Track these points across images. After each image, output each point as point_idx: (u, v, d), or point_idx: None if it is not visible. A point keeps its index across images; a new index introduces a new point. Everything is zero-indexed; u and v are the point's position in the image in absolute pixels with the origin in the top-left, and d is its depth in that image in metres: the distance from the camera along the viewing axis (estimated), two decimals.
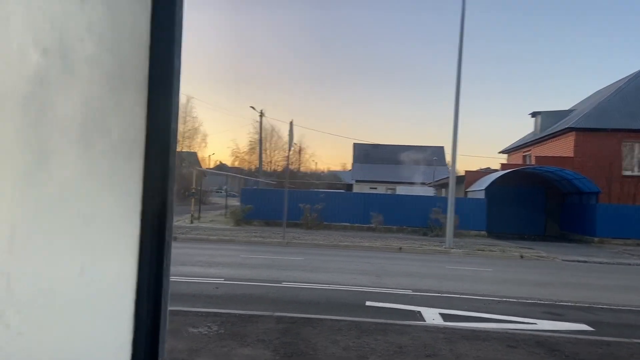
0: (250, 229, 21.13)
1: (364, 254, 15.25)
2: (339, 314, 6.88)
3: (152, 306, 1.49)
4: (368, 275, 10.90)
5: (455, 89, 17.95)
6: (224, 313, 6.18)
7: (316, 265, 12.31)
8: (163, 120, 1.52)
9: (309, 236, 19.09)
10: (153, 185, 1.50)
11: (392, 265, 13.00)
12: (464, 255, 16.22)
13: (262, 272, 10.66)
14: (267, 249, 15.49)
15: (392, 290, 9.26)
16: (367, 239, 18.90)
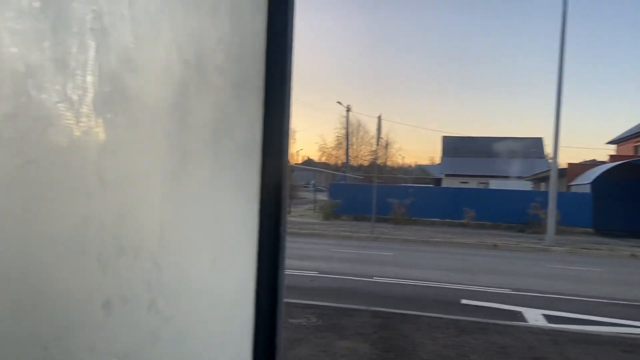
0: (338, 224, 21.36)
1: (456, 251, 14.81)
2: (434, 311, 6.76)
3: (269, 296, 1.58)
4: (462, 273, 10.59)
5: (558, 74, 16.80)
6: (321, 305, 6.33)
7: (407, 261, 12.17)
8: (278, 122, 1.60)
9: (397, 231, 18.91)
10: (269, 182, 1.58)
11: (487, 262, 12.50)
12: (566, 254, 15.18)
13: (353, 267, 10.75)
14: (356, 244, 15.58)
15: (488, 289, 8.92)
16: (458, 235, 18.33)
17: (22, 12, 0.73)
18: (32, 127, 0.75)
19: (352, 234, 17.83)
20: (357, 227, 20.00)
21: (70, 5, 0.82)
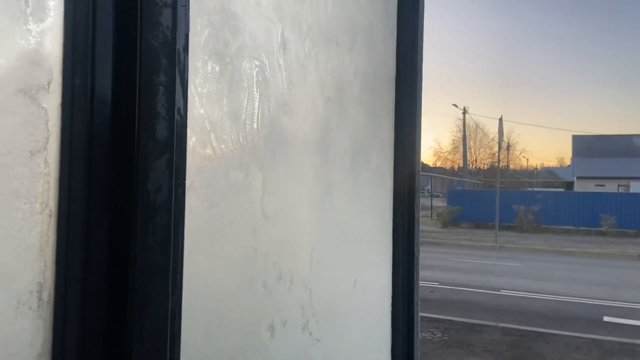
0: (458, 232, 20.60)
1: (594, 262, 13.46)
2: (573, 329, 6.22)
3: (405, 313, 1.61)
4: (602, 286, 9.61)
5: None
6: (445, 319, 6.17)
7: (537, 272, 11.35)
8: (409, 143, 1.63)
9: (524, 240, 17.72)
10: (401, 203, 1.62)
11: (632, 275, 11.20)
12: None
13: (476, 278, 10.30)
14: (479, 253, 14.89)
15: (634, 305, 7.99)
16: (596, 245, 16.65)
17: (206, 77, 0.85)
18: (214, 175, 0.87)
19: (474, 242, 17.09)
20: (478, 235, 19.12)
21: (242, 65, 0.94)
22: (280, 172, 1.08)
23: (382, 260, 1.59)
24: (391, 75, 1.60)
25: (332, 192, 1.29)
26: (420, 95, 1.64)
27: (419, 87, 1.63)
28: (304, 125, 1.17)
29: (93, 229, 0.64)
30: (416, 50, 1.61)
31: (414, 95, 1.62)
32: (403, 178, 1.61)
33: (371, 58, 1.48)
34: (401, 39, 1.62)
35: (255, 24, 0.98)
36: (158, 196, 0.67)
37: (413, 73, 1.61)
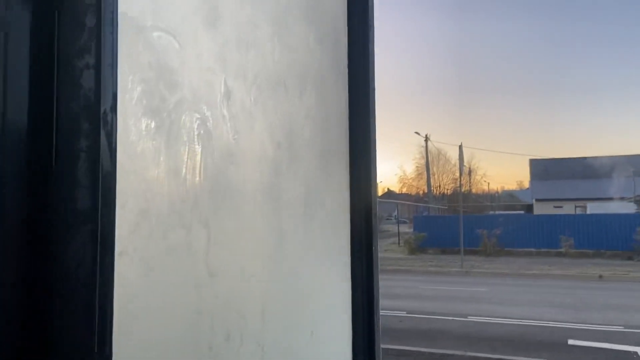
0: (425, 258, 20.75)
1: (556, 284, 13.76)
2: (538, 355, 6.28)
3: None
4: (565, 309, 9.79)
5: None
6: (413, 351, 6.12)
7: (502, 297, 11.50)
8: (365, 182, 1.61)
9: (489, 264, 18.00)
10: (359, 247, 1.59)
11: (593, 296, 11.48)
12: None
13: (444, 305, 10.33)
14: (446, 279, 15.01)
15: (597, 327, 8.16)
16: (557, 266, 17.08)
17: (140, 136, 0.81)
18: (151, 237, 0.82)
19: (441, 268, 17.24)
20: (445, 261, 19.31)
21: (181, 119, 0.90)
22: (228, 225, 1.03)
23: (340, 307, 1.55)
24: (344, 115, 1.59)
25: (284, 241, 1.25)
26: (374, 134, 1.64)
27: (373, 126, 1.63)
28: (253, 174, 1.14)
29: (5, 315, 0.58)
30: (368, 89, 1.62)
31: (368, 134, 1.61)
32: (360, 219, 1.59)
33: (322, 100, 1.46)
34: (353, 79, 1.62)
35: (195, 76, 0.94)
36: (80, 271, 0.62)
37: (366, 111, 1.61)
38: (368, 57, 1.64)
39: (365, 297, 1.63)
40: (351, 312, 1.58)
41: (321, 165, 1.44)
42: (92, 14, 0.65)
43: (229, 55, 1.05)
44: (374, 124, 1.64)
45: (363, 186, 1.59)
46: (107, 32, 0.68)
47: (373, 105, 1.63)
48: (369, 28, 1.64)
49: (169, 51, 0.88)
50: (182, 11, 0.92)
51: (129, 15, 0.78)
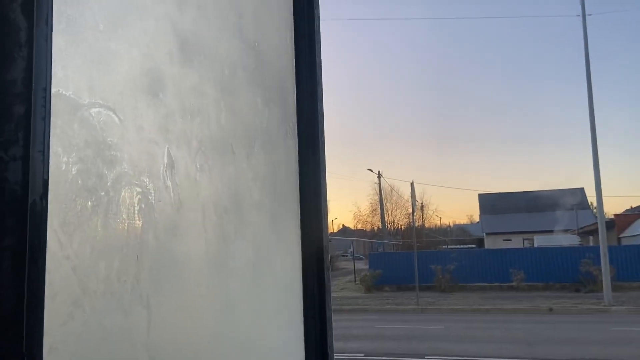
0: (382, 296, 20.74)
1: (510, 318, 14.03)
2: None
3: None
4: (518, 344, 9.96)
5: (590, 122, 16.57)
6: None
7: (458, 334, 11.58)
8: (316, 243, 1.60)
9: (444, 300, 18.19)
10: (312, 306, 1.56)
11: (544, 330, 11.75)
12: (628, 313, 14.15)
13: (402, 345, 10.29)
14: (403, 317, 15.00)
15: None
16: (509, 300, 17.45)
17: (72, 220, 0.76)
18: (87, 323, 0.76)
19: (397, 306, 17.25)
20: (401, 298, 19.35)
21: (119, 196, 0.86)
22: (170, 302, 0.98)
23: None
24: (294, 173, 1.58)
25: (233, 311, 1.20)
26: (324, 189, 1.63)
27: (323, 181, 1.63)
28: (198, 244, 1.10)
29: None
30: (317, 144, 1.62)
31: (319, 189, 1.61)
32: (312, 277, 1.56)
33: (271, 160, 1.45)
34: (302, 136, 1.62)
35: (136, 149, 0.92)
36: None
37: (316, 167, 1.61)
38: (317, 112, 1.66)
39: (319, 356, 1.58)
40: None
41: (271, 227, 1.41)
42: (21, 103, 0.62)
43: (172, 125, 1.03)
44: (324, 179, 1.64)
45: (314, 243, 1.57)
46: (38, 118, 0.65)
47: (323, 161, 1.64)
48: (317, 84, 1.66)
49: (108, 126, 0.85)
50: (121, 85, 0.90)
51: (63, 94, 0.75)
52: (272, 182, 1.44)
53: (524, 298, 17.96)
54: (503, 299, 18.07)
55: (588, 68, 16.74)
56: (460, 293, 20.63)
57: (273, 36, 1.53)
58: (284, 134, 1.53)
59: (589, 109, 16.64)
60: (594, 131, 16.54)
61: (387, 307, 17.24)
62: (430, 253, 25.49)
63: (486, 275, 22.37)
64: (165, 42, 1.03)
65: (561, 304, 16.06)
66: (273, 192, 1.44)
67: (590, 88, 16.62)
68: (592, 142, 16.52)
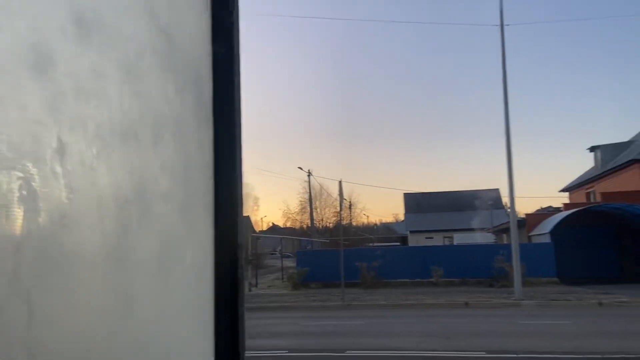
0: (308, 293, 20.90)
1: (429, 313, 14.64)
2: None
3: None
4: (436, 337, 10.41)
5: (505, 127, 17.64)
6: None
7: (379, 329, 11.91)
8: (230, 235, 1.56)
9: (368, 296, 18.65)
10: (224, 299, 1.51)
11: (461, 323, 12.38)
12: (536, 307, 15.26)
13: (325, 341, 10.41)
14: (328, 314, 15.20)
15: (464, 354, 8.78)
16: (429, 296, 18.21)
17: None
18: None
19: (323, 302, 17.45)
20: (327, 294, 19.60)
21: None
22: (56, 298, 0.90)
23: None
24: (208, 164, 1.53)
25: (134, 308, 1.13)
26: (240, 182, 1.59)
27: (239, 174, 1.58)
28: (92, 235, 1.02)
29: None
30: (235, 139, 1.57)
31: (235, 182, 1.56)
32: (225, 273, 1.51)
33: (183, 150, 1.39)
34: (218, 127, 1.56)
35: (17, 130, 0.83)
36: None
37: (232, 159, 1.56)
38: (234, 104, 1.61)
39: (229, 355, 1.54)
40: None
41: (181, 220, 1.35)
42: None
43: (64, 106, 0.95)
44: (241, 173, 1.60)
45: (229, 238, 1.53)
46: None
47: (240, 154, 1.59)
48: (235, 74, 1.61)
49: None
50: (1, 59, 0.81)
51: None
52: (183, 174, 1.38)
53: (442, 293, 18.83)
54: (423, 294, 18.84)
55: (504, 74, 17.81)
56: (384, 289, 21.25)
57: (188, 21, 1.47)
58: (198, 124, 1.47)
59: (504, 114, 17.72)
60: (509, 135, 17.63)
61: (313, 304, 17.39)
62: (356, 251, 26.02)
63: (409, 271, 23.21)
64: (57, 16, 0.94)
65: (476, 298, 17.00)
66: (184, 183, 1.38)
67: (506, 94, 17.71)
68: (507, 145, 17.60)
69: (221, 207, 1.53)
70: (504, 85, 17.77)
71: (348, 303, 16.99)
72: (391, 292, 20.08)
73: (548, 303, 15.68)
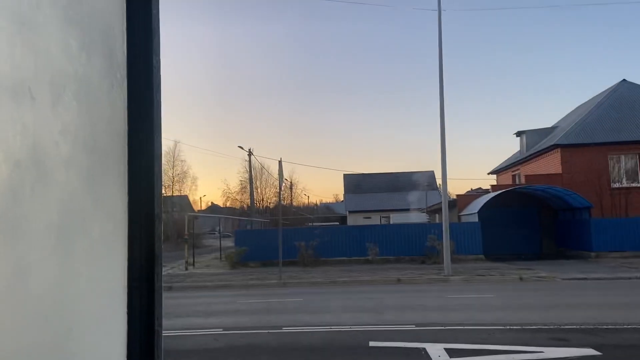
0: (246, 272, 20.83)
1: (364, 289, 15.04)
2: (343, 359, 6.70)
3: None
4: (369, 312, 10.72)
5: (440, 110, 18.19)
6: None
7: (315, 305, 12.10)
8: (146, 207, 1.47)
9: (306, 274, 18.85)
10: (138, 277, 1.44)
11: (393, 298, 12.81)
12: (463, 282, 16.06)
13: (261, 318, 10.44)
14: (265, 292, 15.24)
15: (395, 327, 9.09)
16: (365, 273, 18.69)
17: None
18: None
19: (261, 281, 17.45)
20: (265, 273, 19.63)
21: None
22: None
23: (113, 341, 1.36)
24: (120, 132, 1.43)
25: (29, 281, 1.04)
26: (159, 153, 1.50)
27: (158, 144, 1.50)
28: None
29: None
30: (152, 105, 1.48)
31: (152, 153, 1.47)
32: (139, 246, 1.43)
33: (88, 114, 1.28)
34: (133, 92, 1.46)
35: None
36: None
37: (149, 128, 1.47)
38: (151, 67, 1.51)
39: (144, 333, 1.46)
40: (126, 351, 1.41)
41: (87, 188, 1.25)
42: None
43: None
44: (160, 141, 1.51)
45: (145, 209, 1.44)
46: None
47: (159, 121, 1.51)
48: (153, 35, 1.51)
49: None
50: None
51: None
52: (90, 139, 1.28)
53: (377, 270, 19.39)
54: (359, 271, 19.31)
55: (440, 59, 18.28)
56: (322, 267, 21.56)
57: None
58: (109, 86, 1.37)
59: (440, 99, 18.25)
60: (443, 119, 18.20)
61: (251, 283, 17.36)
62: (295, 230, 26.15)
63: (346, 250, 23.68)
64: None
65: (408, 275, 17.65)
66: (91, 150, 1.28)
67: (442, 80, 18.21)
68: (441, 129, 18.18)
69: (136, 177, 1.44)
70: (440, 71, 18.25)
71: (285, 281, 17.10)
72: (328, 270, 20.41)
73: (474, 278, 16.55)
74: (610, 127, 26.61)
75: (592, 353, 6.91)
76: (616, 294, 12.57)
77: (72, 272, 1.18)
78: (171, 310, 11.14)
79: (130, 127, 1.44)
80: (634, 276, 15.95)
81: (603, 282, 15.12)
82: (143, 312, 1.42)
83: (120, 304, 1.38)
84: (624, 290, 13.23)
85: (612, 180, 25.36)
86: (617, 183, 25.45)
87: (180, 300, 13.58)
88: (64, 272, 1.15)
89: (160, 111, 1.53)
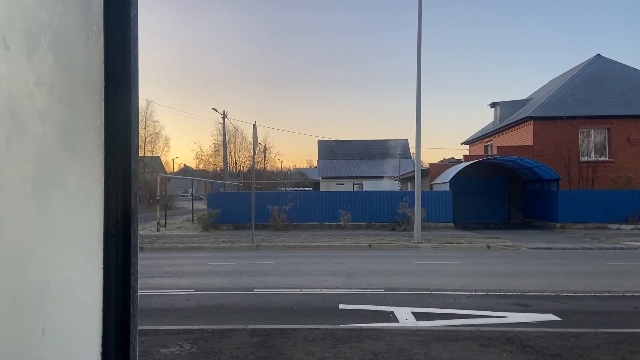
0: (218, 234, 20.86)
1: (334, 254, 15.29)
2: (312, 322, 6.87)
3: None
4: (339, 276, 10.94)
5: (417, 79, 18.20)
6: (196, 330, 6.05)
7: (287, 269, 12.27)
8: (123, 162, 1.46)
9: (278, 238, 19.01)
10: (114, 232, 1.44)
11: (363, 263, 13.09)
12: (432, 249, 16.49)
13: (233, 280, 10.55)
14: (237, 255, 15.34)
15: (364, 291, 9.32)
16: (336, 238, 18.96)
17: None
18: None
19: (233, 244, 17.53)
20: (237, 236, 19.70)
21: None
22: None
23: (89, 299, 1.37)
24: (97, 84, 1.39)
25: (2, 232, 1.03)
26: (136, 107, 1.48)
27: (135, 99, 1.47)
28: None
29: None
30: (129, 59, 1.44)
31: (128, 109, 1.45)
32: (115, 200, 1.42)
33: (64, 65, 1.25)
34: (109, 46, 1.42)
35: None
36: None
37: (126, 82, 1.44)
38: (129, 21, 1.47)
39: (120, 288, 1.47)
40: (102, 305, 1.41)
41: (63, 141, 1.23)
42: None
43: None
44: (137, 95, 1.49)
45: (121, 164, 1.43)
46: None
47: (136, 77, 1.48)
48: None
49: None
50: None
51: None
52: (66, 92, 1.25)
53: (348, 236, 19.69)
54: (330, 236, 19.57)
55: (419, 30, 18.15)
56: (294, 232, 21.76)
57: None
58: (85, 39, 1.33)
59: (417, 69, 18.21)
60: (419, 88, 18.22)
61: (223, 245, 17.42)
62: (269, 194, 26.18)
63: (318, 215, 23.90)
64: None
65: (379, 241, 17.99)
66: (67, 103, 1.25)
67: (420, 51, 18.13)
68: (417, 98, 18.23)
69: (112, 131, 1.42)
70: (419, 42, 18.14)
71: (257, 244, 17.22)
72: (300, 234, 20.61)
73: (443, 246, 17.00)
74: (582, 101, 27.17)
75: (553, 318, 7.26)
76: (578, 264, 13.13)
77: (47, 225, 1.17)
78: (142, 270, 11.13)
79: (107, 81, 1.41)
80: (596, 246, 16.66)
81: (567, 251, 15.75)
82: (119, 267, 1.43)
83: (96, 258, 1.38)
84: (585, 260, 13.82)
85: (581, 154, 26.05)
86: (585, 156, 26.17)
87: (151, 260, 13.56)
88: (39, 225, 1.14)
89: (137, 66, 1.50)
